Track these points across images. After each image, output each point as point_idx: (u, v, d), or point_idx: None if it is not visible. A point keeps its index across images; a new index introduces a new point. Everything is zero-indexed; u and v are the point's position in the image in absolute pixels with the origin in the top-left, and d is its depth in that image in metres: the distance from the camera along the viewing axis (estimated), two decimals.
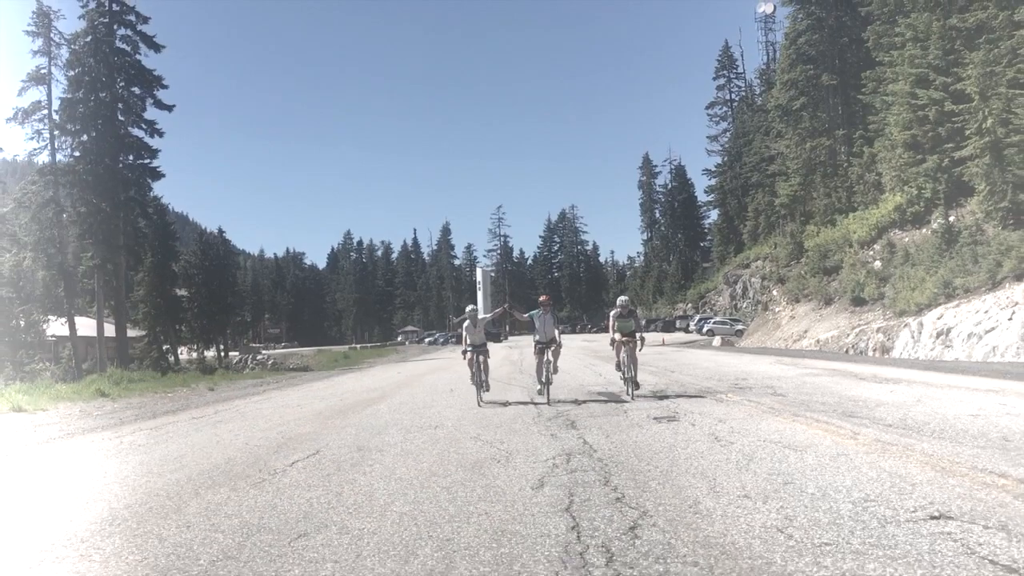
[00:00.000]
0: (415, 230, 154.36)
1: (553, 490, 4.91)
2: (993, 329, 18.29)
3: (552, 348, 10.71)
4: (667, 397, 10.50)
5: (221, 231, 74.54)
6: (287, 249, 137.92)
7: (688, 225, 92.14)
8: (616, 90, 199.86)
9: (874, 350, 24.55)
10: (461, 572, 3.36)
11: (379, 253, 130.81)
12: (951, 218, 28.39)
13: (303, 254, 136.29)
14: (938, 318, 21.44)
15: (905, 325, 23.27)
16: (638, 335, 10.86)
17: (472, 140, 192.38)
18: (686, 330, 59.70)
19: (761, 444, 6.28)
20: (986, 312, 19.15)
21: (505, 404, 10.64)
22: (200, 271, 61.60)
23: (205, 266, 63.68)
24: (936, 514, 3.90)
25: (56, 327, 37.04)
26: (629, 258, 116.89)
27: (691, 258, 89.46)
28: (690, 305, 73.92)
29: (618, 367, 11.22)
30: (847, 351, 26.15)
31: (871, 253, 33.55)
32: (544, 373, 10.58)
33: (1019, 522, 3.70)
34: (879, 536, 3.58)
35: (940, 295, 23.35)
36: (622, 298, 11.53)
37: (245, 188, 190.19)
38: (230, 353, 62.47)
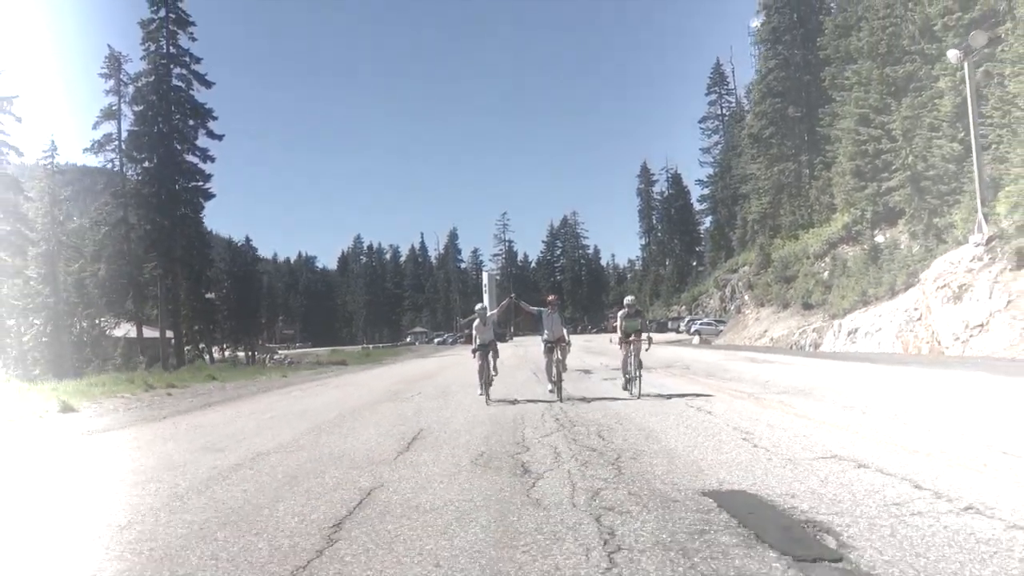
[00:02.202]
0: (422, 234, 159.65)
1: (543, 402, 11.00)
2: (881, 329, 24.30)
3: (561, 347, 11.17)
4: (617, 370, 16.52)
5: (248, 240, 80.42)
6: (299, 253, 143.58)
7: (684, 231, 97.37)
8: (616, 100, 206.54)
9: (810, 346, 30.54)
10: (507, 415, 9.43)
11: (387, 256, 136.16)
12: (880, 237, 34.39)
13: (315, 257, 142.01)
14: (851, 320, 27.45)
15: (831, 327, 29.30)
16: (644, 335, 11.18)
17: (478, 148, 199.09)
18: (677, 331, 65.26)
19: (647, 383, 12.36)
20: (880, 316, 25.14)
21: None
22: (229, 276, 67.91)
23: (234, 272, 70.05)
24: (692, 397, 9.98)
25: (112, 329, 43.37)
26: (629, 261, 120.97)
27: (687, 262, 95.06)
28: (684, 307, 79.10)
29: (624, 366, 11.24)
30: (791, 347, 32.12)
31: (822, 265, 39.52)
32: (554, 372, 11.03)
33: (717, 401, 9.80)
34: (663, 402, 9.66)
35: (859, 302, 29.32)
36: (629, 298, 11.87)
37: (257, 193, 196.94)
38: (255, 353, 68.72)
